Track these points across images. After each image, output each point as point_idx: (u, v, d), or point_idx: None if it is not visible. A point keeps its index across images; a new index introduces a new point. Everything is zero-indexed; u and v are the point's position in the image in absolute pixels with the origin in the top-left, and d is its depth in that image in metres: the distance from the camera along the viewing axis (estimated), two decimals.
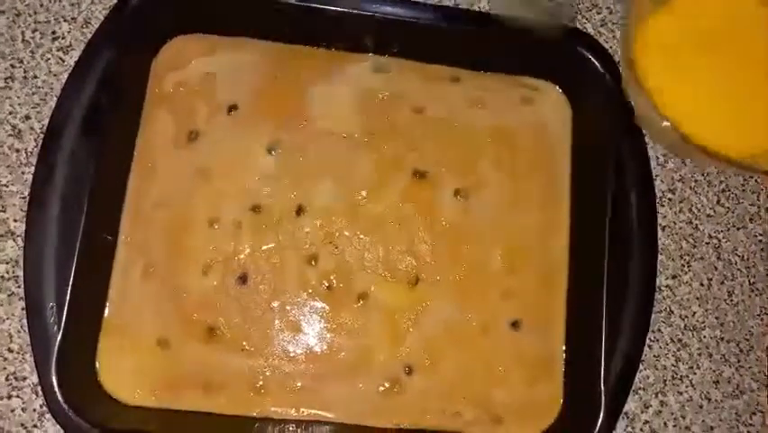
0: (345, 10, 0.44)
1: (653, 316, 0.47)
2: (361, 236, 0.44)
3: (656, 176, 0.49)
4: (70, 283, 0.38)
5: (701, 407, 0.47)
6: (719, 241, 0.50)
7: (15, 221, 0.43)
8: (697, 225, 0.50)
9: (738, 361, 0.48)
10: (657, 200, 0.49)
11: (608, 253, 0.42)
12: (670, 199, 0.50)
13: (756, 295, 0.49)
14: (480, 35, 0.45)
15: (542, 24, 0.38)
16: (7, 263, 0.43)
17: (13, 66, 0.46)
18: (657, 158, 0.50)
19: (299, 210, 0.43)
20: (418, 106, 0.46)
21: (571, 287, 0.44)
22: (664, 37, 0.44)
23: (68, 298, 0.38)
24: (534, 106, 0.47)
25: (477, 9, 0.50)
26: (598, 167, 0.44)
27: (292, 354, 0.42)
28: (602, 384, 0.40)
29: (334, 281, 0.43)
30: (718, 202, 0.50)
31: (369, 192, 0.44)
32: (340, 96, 0.46)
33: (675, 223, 0.49)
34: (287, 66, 0.45)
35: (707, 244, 0.49)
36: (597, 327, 0.41)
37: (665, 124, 0.39)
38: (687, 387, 0.47)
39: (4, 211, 0.43)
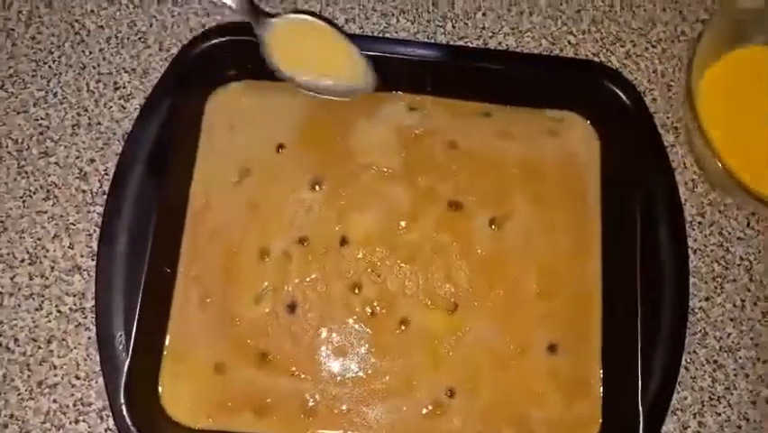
0: (381, 54, 0.47)
1: (688, 338, 0.48)
2: (402, 265, 0.46)
3: (686, 200, 0.51)
4: (137, 313, 0.41)
5: (740, 427, 0.47)
6: (751, 263, 0.50)
7: (82, 256, 0.47)
8: (728, 247, 0.51)
9: None
10: (687, 224, 0.50)
11: (640, 275, 0.44)
12: (700, 223, 0.51)
13: None
14: (508, 72, 0.48)
15: None
16: (75, 296, 0.46)
17: (78, 114, 0.50)
18: (686, 183, 0.51)
19: (343, 241, 0.46)
20: (451, 141, 0.49)
21: (606, 310, 0.46)
22: (727, 82, 0.48)
23: (134, 327, 0.41)
24: (561, 137, 0.49)
25: (504, 47, 0.53)
26: (627, 194, 0.46)
27: (339, 378, 0.44)
28: (640, 404, 0.42)
29: (377, 308, 0.45)
30: (748, 225, 0.51)
31: (407, 223, 0.47)
32: (378, 134, 0.49)
33: (706, 246, 0.50)
34: (329, 107, 0.49)
35: (738, 265, 0.50)
36: (632, 348, 0.43)
37: (718, 165, 0.42)
38: (725, 408, 0.48)
39: (72, 248, 0.47)
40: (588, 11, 0.55)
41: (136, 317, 0.41)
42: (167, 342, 0.44)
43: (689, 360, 0.48)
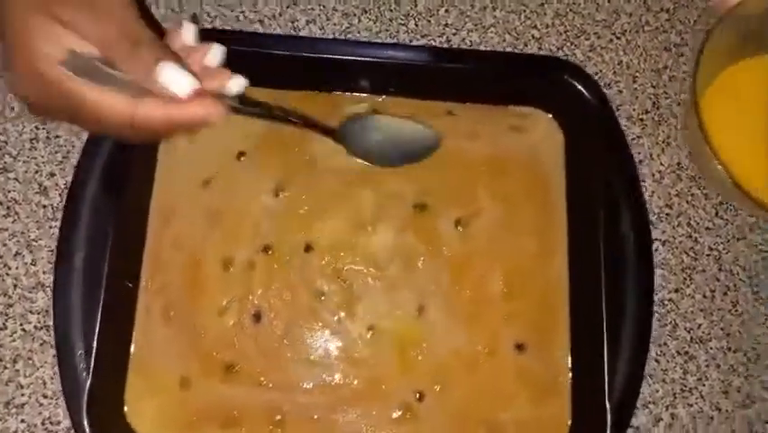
0: (342, 57, 0.47)
1: (658, 330, 0.48)
2: (368, 270, 0.46)
3: (653, 192, 0.51)
4: (97, 330, 0.40)
5: (712, 418, 0.48)
6: (720, 253, 0.50)
7: (45, 273, 0.46)
8: (696, 238, 0.51)
9: (747, 370, 0.49)
10: (655, 216, 0.50)
11: (604, 271, 0.44)
12: (668, 215, 0.51)
13: (761, 304, 0.50)
14: (470, 71, 0.48)
15: None
16: (39, 313, 0.46)
17: (37, 128, 0.49)
18: (653, 174, 0.51)
19: (308, 248, 0.46)
20: None
21: (573, 307, 0.46)
22: (731, 89, 0.48)
23: (95, 344, 0.40)
24: (525, 134, 0.49)
25: (465, 45, 0.52)
26: (592, 188, 0.46)
27: (307, 387, 0.44)
28: (607, 402, 0.42)
29: (344, 314, 0.45)
30: (717, 215, 0.51)
31: (373, 226, 0.46)
32: None
33: (674, 237, 0.50)
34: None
35: (707, 256, 0.50)
36: (599, 345, 0.42)
37: (718, 167, 0.42)
38: (697, 399, 0.48)
39: (35, 264, 0.47)
40: (551, 4, 0.54)
41: (96, 333, 0.40)
42: (131, 357, 0.43)
43: (659, 352, 0.48)
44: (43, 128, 0.49)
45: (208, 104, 0.33)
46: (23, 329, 0.45)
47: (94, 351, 0.40)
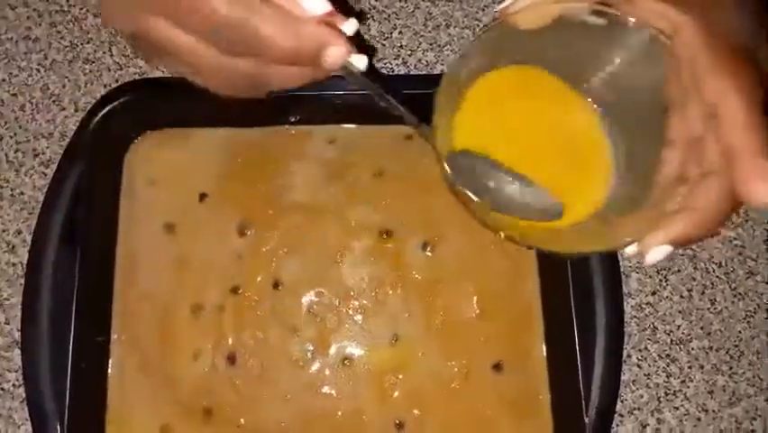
0: (298, 93, 0.46)
1: (638, 334, 0.48)
2: (338, 302, 0.46)
3: None
4: (68, 389, 0.40)
5: (699, 419, 0.47)
6: (694, 251, 0.50)
7: (18, 331, 0.46)
8: None
9: (731, 368, 0.48)
10: None
11: (572, 282, 0.43)
12: None
13: (739, 300, 0.49)
14: (424, 95, 0.47)
15: None
16: (16, 372, 0.46)
17: (0, 186, 0.49)
18: None
19: (276, 285, 0.46)
20: (377, 169, 0.48)
21: (547, 323, 0.46)
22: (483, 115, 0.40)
23: (67, 403, 0.40)
24: None
25: (422, 65, 0.52)
26: None
27: (287, 424, 0.44)
28: (585, 417, 0.41)
29: (318, 349, 0.45)
30: None
31: (340, 258, 0.46)
32: (302, 171, 0.48)
33: None
34: (249, 149, 0.48)
35: (682, 256, 0.50)
36: (572, 360, 0.42)
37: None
38: (682, 401, 0.47)
39: (9, 323, 0.47)
40: None
41: (68, 392, 0.40)
42: (108, 411, 0.43)
43: (641, 357, 0.48)
44: (7, 186, 0.49)
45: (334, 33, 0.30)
46: (2, 388, 0.45)
47: (67, 411, 0.40)
